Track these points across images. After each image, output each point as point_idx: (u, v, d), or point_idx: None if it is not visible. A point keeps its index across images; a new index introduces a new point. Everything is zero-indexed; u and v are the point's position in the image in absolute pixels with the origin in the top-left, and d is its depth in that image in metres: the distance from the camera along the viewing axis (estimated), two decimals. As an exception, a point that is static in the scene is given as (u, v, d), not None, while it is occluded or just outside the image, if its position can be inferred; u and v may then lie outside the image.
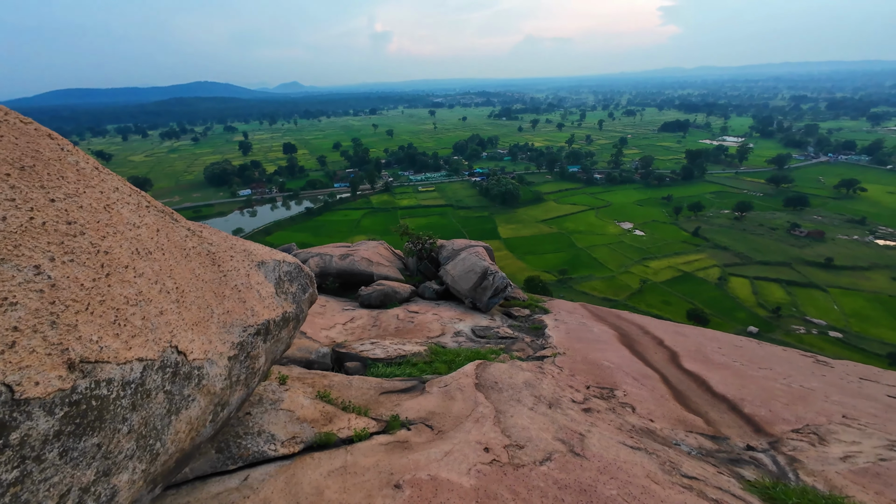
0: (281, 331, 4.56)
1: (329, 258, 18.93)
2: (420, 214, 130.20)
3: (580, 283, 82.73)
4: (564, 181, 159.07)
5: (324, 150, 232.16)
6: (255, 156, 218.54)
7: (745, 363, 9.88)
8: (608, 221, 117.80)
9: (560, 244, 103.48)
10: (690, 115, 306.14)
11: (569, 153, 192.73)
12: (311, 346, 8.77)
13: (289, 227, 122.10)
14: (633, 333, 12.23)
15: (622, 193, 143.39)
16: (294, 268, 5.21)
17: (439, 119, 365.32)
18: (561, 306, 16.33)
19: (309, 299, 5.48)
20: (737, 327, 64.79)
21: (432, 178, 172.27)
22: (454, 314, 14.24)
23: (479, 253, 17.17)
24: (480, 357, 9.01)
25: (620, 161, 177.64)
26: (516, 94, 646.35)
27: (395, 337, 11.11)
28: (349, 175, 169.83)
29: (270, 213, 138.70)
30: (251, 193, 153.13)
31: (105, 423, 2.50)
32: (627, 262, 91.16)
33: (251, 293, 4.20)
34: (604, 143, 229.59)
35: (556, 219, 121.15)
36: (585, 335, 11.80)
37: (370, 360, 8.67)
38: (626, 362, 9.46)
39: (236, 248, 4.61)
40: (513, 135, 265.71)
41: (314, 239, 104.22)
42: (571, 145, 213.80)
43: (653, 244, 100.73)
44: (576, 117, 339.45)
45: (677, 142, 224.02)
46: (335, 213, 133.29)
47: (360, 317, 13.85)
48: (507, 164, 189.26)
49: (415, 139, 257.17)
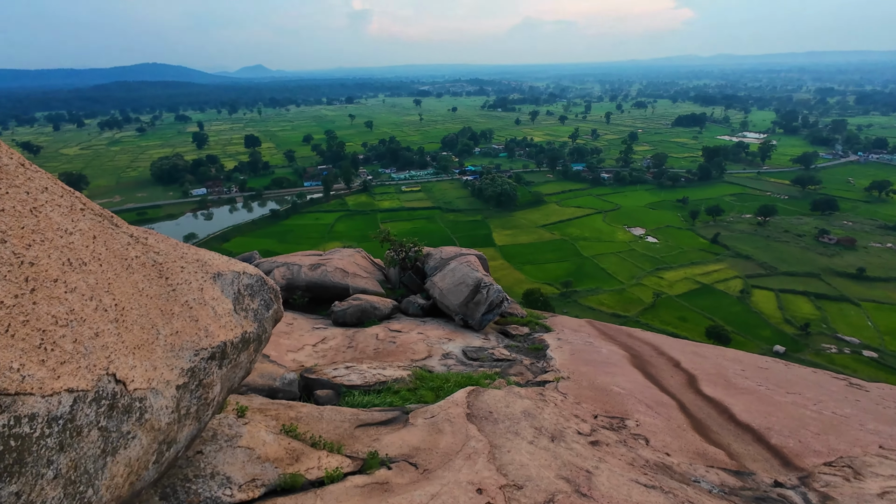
0: (240, 354, 4.49)
1: (297, 269, 18.78)
2: (403, 218, 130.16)
3: (586, 296, 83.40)
4: (568, 181, 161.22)
5: (292, 143, 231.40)
6: (212, 149, 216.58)
7: (772, 387, 10.04)
8: (617, 227, 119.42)
9: (563, 253, 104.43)
10: (707, 109, 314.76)
11: (572, 149, 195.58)
12: (276, 371, 8.64)
13: (250, 232, 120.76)
14: (645, 354, 12.35)
15: (632, 195, 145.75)
16: (256, 280, 5.15)
17: (426, 109, 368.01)
18: (565, 324, 16.42)
19: (273, 317, 5.41)
20: (761, 346, 65.94)
21: (417, 177, 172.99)
22: (442, 333, 14.21)
23: (472, 262, 17.23)
24: (473, 383, 8.99)
25: (630, 159, 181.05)
26: (513, 83, 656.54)
27: (374, 360, 11.02)
28: (321, 173, 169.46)
29: (229, 215, 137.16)
30: (206, 193, 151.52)
31: (26, 468, 2.40)
32: (639, 273, 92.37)
33: (205, 310, 4.14)
34: (612, 138, 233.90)
35: (559, 224, 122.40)
36: (593, 357, 11.87)
37: (345, 388, 8.58)
38: (638, 387, 9.53)
39: (188, 257, 4.54)
40: (509, 128, 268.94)
41: (280, 246, 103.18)
42: (575, 140, 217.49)
43: (667, 252, 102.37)
44: (580, 109, 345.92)
45: (693, 137, 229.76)
46: (305, 216, 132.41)
47: (334, 337, 13.72)
48: (502, 162, 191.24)
49: (398, 132, 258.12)
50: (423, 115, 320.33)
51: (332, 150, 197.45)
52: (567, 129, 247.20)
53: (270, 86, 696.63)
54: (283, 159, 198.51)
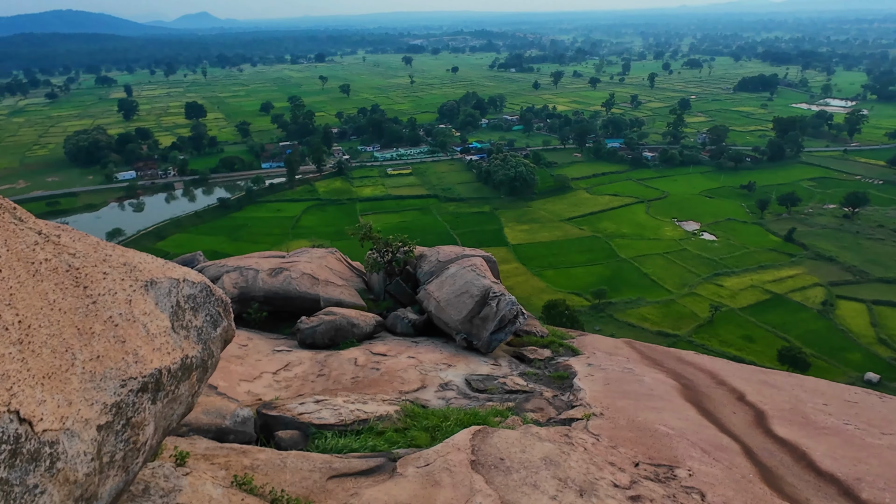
0: (179, 385, 4.50)
1: (253, 275, 18.81)
2: (390, 209, 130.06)
3: (624, 310, 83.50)
4: (601, 161, 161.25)
5: (246, 113, 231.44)
6: (144, 121, 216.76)
7: (862, 426, 10.07)
8: (664, 220, 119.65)
9: (595, 254, 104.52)
10: (779, 69, 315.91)
11: (607, 121, 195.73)
12: (226, 407, 8.65)
13: (193, 227, 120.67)
14: (700, 384, 12.38)
15: (684, 180, 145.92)
16: (200, 290, 5.16)
17: (418, 70, 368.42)
18: (597, 345, 16.45)
19: (222, 337, 5.42)
20: (850, 374, 66.07)
21: (408, 157, 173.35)
22: (440, 357, 14.23)
23: (477, 266, 17.27)
24: (479, 421, 9.02)
25: (681, 133, 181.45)
26: (530, 36, 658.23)
27: (353, 392, 11.04)
28: (284, 151, 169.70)
29: (165, 206, 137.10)
30: (136, 177, 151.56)
31: None
32: (692, 280, 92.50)
33: (134, 329, 4.15)
34: (657, 106, 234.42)
35: (589, 216, 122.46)
36: (633, 387, 11.90)
37: (314, 428, 8.60)
38: (691, 427, 9.55)
39: (113, 260, 4.54)
40: (525, 94, 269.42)
41: (231, 245, 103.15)
42: (611, 110, 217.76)
43: (728, 253, 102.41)
44: (616, 69, 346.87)
45: (762, 106, 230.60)
46: (263, 206, 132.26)
47: (300, 362, 13.73)
48: (517, 137, 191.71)
49: (382, 99, 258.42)
50: (416, 78, 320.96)
51: (297, 122, 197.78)
52: (600, 96, 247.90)
53: (218, 39, 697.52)
54: (234, 134, 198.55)
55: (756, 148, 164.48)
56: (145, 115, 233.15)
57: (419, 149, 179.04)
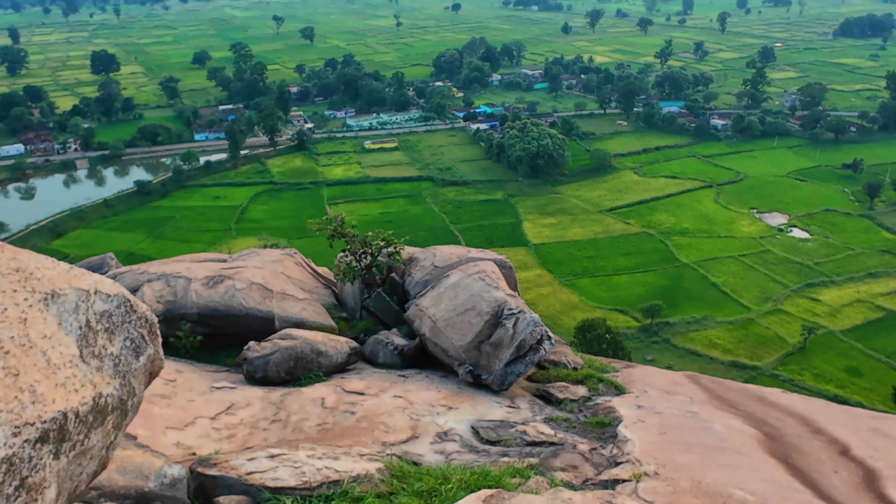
0: (90, 433, 4.50)
1: (184, 285, 18.80)
2: (368, 196, 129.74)
3: (686, 332, 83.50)
4: (654, 132, 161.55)
5: (174, 66, 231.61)
6: (36, 77, 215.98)
7: None
8: (740, 212, 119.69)
9: (646, 256, 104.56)
10: (894, 7, 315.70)
11: (662, 77, 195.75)
12: (148, 463, 8.64)
13: (100, 220, 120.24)
14: (790, 434, 12.38)
15: (766, 157, 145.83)
16: (117, 305, 5.17)
17: (407, 7, 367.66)
18: (649, 380, 16.44)
19: (146, 368, 5.42)
20: None
21: (393, 125, 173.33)
22: (436, 396, 14.22)
23: (487, 273, 17.29)
24: (490, 483, 9.01)
25: (762, 94, 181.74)
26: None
27: (320, 444, 11.03)
28: (225, 118, 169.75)
29: (64, 192, 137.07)
30: (25, 153, 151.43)
31: None
32: (778, 293, 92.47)
33: (30, 357, 4.14)
34: (730, 57, 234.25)
35: (638, 206, 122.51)
36: (698, 438, 11.90)
37: (268, 493, 8.57)
38: (777, 491, 9.56)
39: (0, 263, 4.55)
40: (552, 40, 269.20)
41: (152, 245, 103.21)
42: (667, 62, 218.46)
43: (827, 257, 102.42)
44: (675, 7, 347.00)
45: (871, 57, 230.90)
46: (195, 192, 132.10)
47: (247, 403, 13.71)
48: (540, 98, 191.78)
49: (359, 47, 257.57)
50: (403, 18, 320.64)
51: (243, 78, 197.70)
52: (652, 43, 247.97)
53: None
54: (158, 94, 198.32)
55: (863, 114, 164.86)
56: (37, 70, 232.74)
57: (408, 115, 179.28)
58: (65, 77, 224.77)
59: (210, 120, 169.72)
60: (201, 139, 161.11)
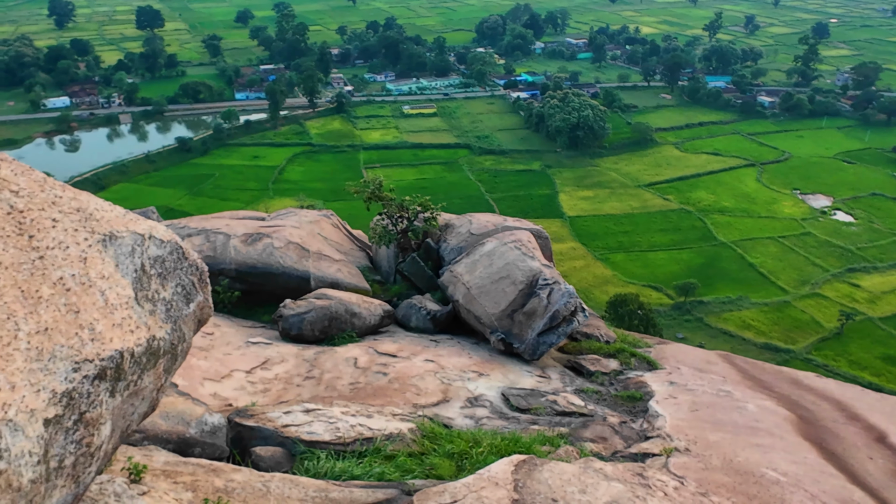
0: (143, 374, 4.61)
1: (223, 241, 19.04)
2: (405, 161, 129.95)
3: (720, 312, 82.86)
4: (698, 107, 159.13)
5: (217, 24, 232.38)
6: (83, 30, 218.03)
7: None
8: (783, 192, 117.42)
9: (683, 233, 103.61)
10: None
11: (710, 51, 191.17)
12: (190, 411, 8.86)
13: (142, 175, 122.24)
14: (824, 418, 12.27)
15: (813, 137, 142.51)
16: (170, 251, 5.26)
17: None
18: (682, 357, 16.37)
19: (196, 316, 5.52)
20: None
21: (432, 90, 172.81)
22: (468, 362, 14.33)
23: (524, 243, 17.25)
24: (521, 449, 9.07)
25: (813, 71, 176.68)
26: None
27: (353, 402, 11.21)
28: (266, 78, 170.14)
29: (107, 145, 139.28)
30: (71, 105, 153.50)
31: None
32: (817, 276, 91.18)
33: (90, 296, 4.22)
34: (781, 32, 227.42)
35: (678, 182, 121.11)
36: (730, 417, 11.86)
37: (303, 446, 8.74)
38: (810, 474, 9.51)
39: (63, 204, 4.59)
40: (598, 8, 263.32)
41: (192, 202, 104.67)
42: (716, 35, 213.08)
43: (871, 242, 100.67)
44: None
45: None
46: (235, 151, 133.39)
47: (282, 359, 13.94)
48: (583, 68, 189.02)
49: (401, 10, 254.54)
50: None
51: (284, 38, 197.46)
52: (702, 15, 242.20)
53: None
54: (201, 52, 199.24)
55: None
56: (84, 23, 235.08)
57: (448, 80, 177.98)
58: (110, 31, 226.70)
59: (251, 79, 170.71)
60: (242, 98, 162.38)
